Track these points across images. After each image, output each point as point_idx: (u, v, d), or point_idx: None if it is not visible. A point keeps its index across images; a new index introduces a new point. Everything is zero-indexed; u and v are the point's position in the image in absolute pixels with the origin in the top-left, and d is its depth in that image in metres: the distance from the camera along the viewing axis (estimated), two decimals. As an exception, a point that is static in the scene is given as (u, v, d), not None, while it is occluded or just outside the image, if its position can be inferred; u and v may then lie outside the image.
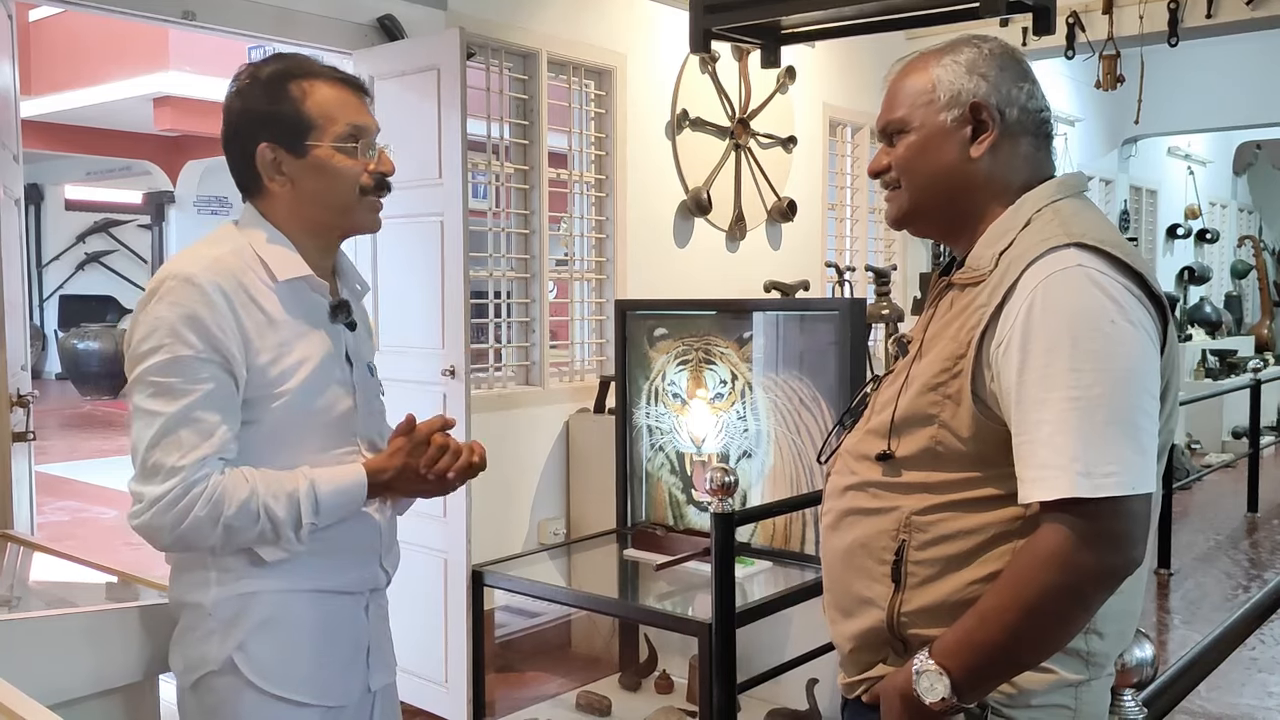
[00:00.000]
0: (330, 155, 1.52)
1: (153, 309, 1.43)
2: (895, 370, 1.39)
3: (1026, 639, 1.17)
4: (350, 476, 1.51)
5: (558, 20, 4.14)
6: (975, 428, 1.23)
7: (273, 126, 1.50)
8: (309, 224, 1.55)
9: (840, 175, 5.70)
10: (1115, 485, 1.13)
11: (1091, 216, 1.28)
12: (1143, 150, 9.24)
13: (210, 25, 3.21)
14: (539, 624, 4.13)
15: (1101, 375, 1.15)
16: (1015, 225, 1.27)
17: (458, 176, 3.20)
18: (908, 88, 1.34)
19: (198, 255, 1.48)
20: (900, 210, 1.37)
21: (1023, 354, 1.18)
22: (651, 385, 3.37)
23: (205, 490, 1.40)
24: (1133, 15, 4.98)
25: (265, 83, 1.52)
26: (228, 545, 1.44)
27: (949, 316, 1.30)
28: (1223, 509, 6.47)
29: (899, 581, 1.28)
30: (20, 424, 2.79)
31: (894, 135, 1.36)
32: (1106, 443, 1.14)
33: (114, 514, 6.80)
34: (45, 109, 9.71)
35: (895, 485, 1.30)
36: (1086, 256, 1.19)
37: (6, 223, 2.79)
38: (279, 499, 1.44)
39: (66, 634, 1.64)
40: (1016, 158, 1.31)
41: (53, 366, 13.50)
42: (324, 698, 1.52)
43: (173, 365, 1.41)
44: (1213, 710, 3.32)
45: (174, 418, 1.40)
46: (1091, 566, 1.14)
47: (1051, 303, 1.17)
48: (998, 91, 1.30)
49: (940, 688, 1.19)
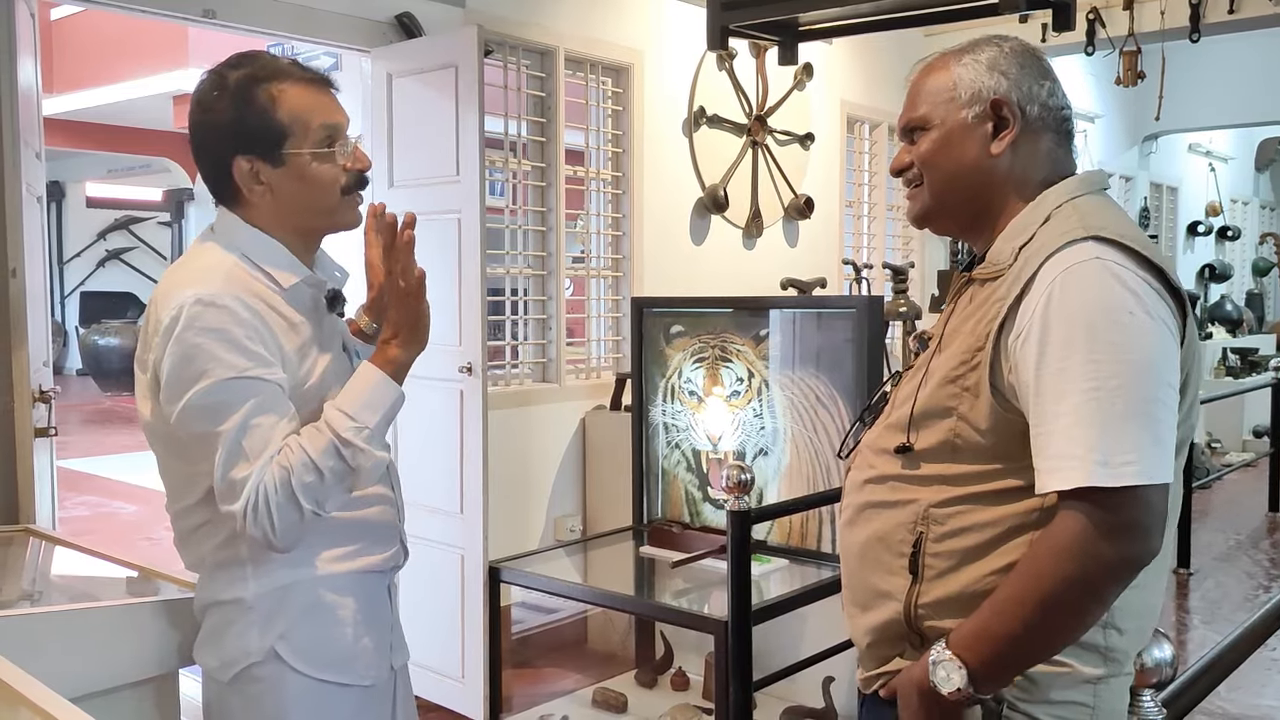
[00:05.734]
0: (308, 162, 1.50)
1: (183, 337, 1.40)
2: (915, 365, 1.39)
3: (1042, 629, 1.17)
4: (358, 375, 1.50)
5: (575, 18, 4.14)
6: (993, 420, 1.23)
7: (246, 138, 1.47)
8: (292, 228, 1.54)
9: (858, 172, 5.68)
10: (1133, 475, 1.13)
11: (1111, 212, 1.28)
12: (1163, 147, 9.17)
13: (230, 23, 3.23)
14: (555, 620, 4.13)
15: (1120, 366, 1.15)
16: (1035, 221, 1.28)
17: (475, 174, 3.20)
18: (929, 86, 1.35)
19: (204, 272, 1.46)
20: (923, 207, 1.38)
21: (1041, 345, 1.18)
22: (668, 382, 3.37)
23: (268, 484, 1.41)
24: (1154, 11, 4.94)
25: (233, 91, 1.47)
26: (325, 503, 1.45)
27: (968, 310, 1.31)
28: (1243, 508, 6.41)
29: (916, 574, 1.28)
30: (42, 419, 2.81)
31: (915, 133, 1.36)
32: (1124, 433, 1.14)
33: (134, 509, 6.85)
34: (66, 107, 9.78)
35: (914, 478, 1.30)
36: (1105, 249, 1.20)
37: (29, 220, 2.81)
38: (320, 433, 1.44)
39: (88, 628, 1.65)
40: (1037, 154, 1.32)
41: (74, 362, 13.60)
42: (362, 677, 1.56)
43: (218, 388, 1.40)
44: (1232, 711, 3.29)
45: (233, 433, 1.41)
46: (1108, 556, 1.14)
47: (1070, 295, 1.18)
48: (1018, 88, 1.31)
49: (957, 678, 1.19)
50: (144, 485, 7.25)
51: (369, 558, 1.58)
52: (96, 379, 12.32)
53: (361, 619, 1.57)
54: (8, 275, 2.76)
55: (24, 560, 2.31)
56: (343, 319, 1.64)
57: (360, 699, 1.57)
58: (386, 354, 1.51)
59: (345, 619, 1.55)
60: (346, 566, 1.55)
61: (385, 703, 1.63)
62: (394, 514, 1.64)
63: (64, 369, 13.52)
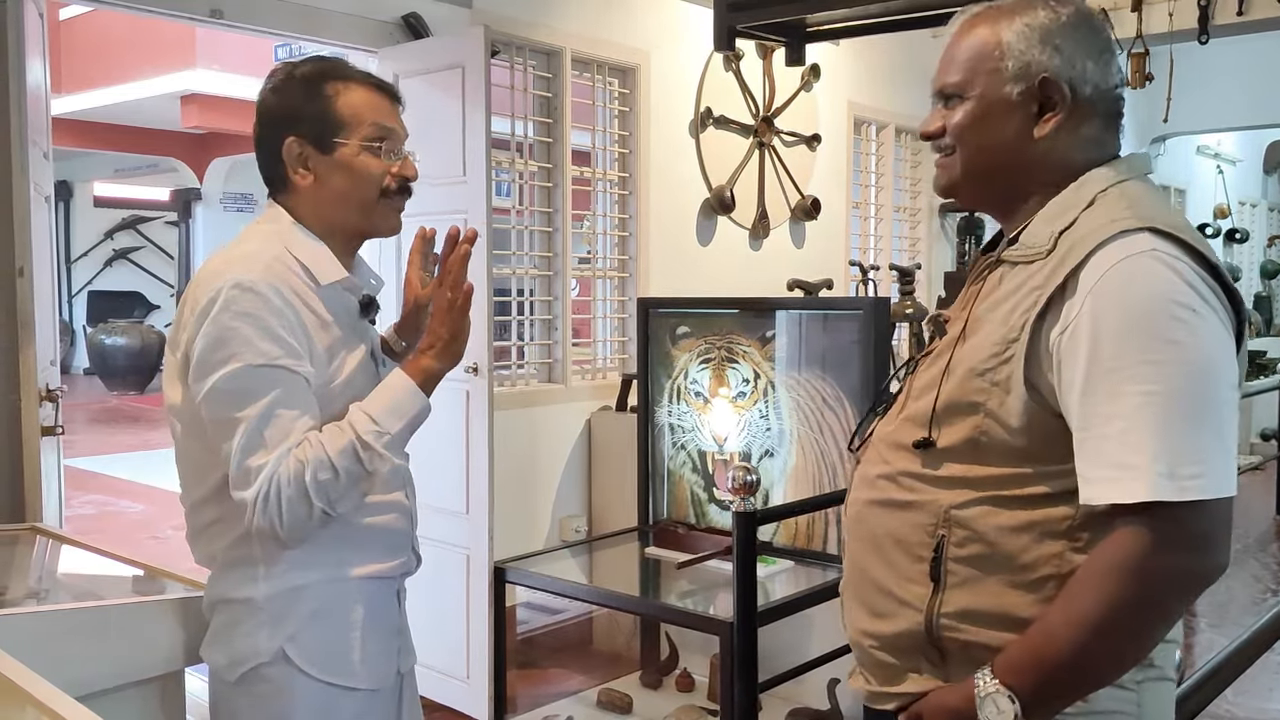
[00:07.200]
0: (355, 154, 1.53)
1: (218, 318, 1.42)
2: (935, 352, 1.28)
3: (1103, 654, 1.09)
4: (387, 381, 1.52)
5: (582, 18, 4.14)
6: (1026, 419, 1.14)
7: (303, 122, 1.52)
8: (331, 222, 1.56)
9: (864, 173, 5.68)
10: (1201, 488, 1.04)
11: (1160, 201, 1.19)
12: (1171, 149, 9.14)
13: (237, 24, 3.24)
14: (560, 621, 4.13)
15: (1181, 367, 1.05)
16: (1077, 204, 1.18)
17: (481, 174, 3.20)
18: (972, 47, 1.23)
19: (245, 259, 1.47)
20: (950, 179, 1.28)
21: (1092, 342, 1.09)
22: (674, 383, 3.37)
23: (283, 475, 1.41)
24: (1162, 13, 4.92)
25: (300, 81, 1.53)
26: (337, 504, 1.45)
27: (998, 296, 1.20)
28: (1251, 512, 6.39)
29: (939, 581, 1.19)
30: (49, 418, 2.81)
31: (951, 99, 1.25)
32: (1189, 440, 1.05)
33: (140, 507, 6.87)
34: (74, 107, 9.82)
35: (932, 478, 1.21)
36: (1161, 242, 1.10)
37: (37, 219, 2.82)
38: (342, 432, 1.45)
39: (94, 627, 1.66)
40: (1081, 138, 1.22)
41: (81, 361, 13.65)
42: (368, 681, 1.57)
43: (247, 373, 1.41)
44: (1240, 715, 3.28)
45: (256, 420, 1.41)
46: (1174, 571, 1.06)
47: (1125, 289, 1.08)
48: (1071, 66, 1.19)
49: (1010, 712, 1.10)
50: (150, 484, 7.27)
51: (381, 564, 1.58)
52: (103, 378, 12.36)
53: (370, 624, 1.57)
54: (16, 274, 2.76)
55: (31, 559, 2.31)
56: (374, 326, 1.65)
57: (366, 702, 1.57)
58: (420, 363, 1.52)
59: (354, 623, 1.55)
60: (358, 572, 1.55)
61: (391, 706, 1.64)
62: (408, 522, 1.64)
63: (71, 368, 13.56)
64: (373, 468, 1.46)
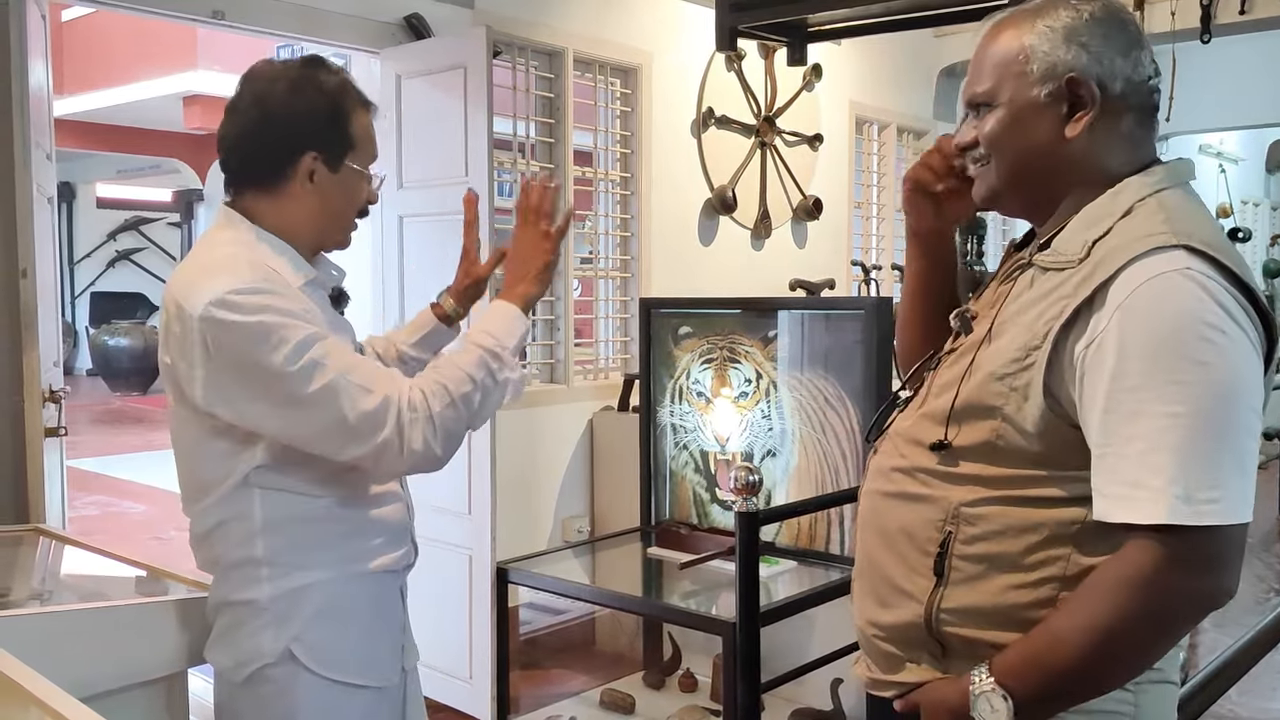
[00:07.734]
0: (359, 177, 1.57)
1: (239, 324, 1.39)
2: (959, 349, 1.28)
3: (1103, 664, 1.09)
4: (492, 307, 1.61)
5: (584, 19, 4.14)
6: (1043, 425, 1.14)
7: (324, 140, 1.51)
8: (302, 234, 1.55)
9: (866, 173, 5.68)
10: (1216, 513, 1.05)
11: (1199, 214, 1.17)
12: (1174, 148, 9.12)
13: (239, 25, 3.24)
14: (563, 621, 4.13)
15: (1208, 389, 1.05)
16: (1114, 212, 1.16)
17: (483, 174, 3.20)
18: (997, 55, 1.22)
19: (229, 262, 1.46)
20: (989, 189, 1.27)
21: (1119, 358, 1.08)
22: (676, 383, 3.37)
23: (417, 397, 1.45)
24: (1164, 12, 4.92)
25: (328, 93, 1.51)
26: (476, 417, 1.51)
27: (1025, 300, 1.19)
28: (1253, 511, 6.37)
29: (942, 575, 1.20)
30: (52, 419, 2.81)
31: (981, 109, 1.25)
32: (1209, 464, 1.05)
33: (143, 508, 6.87)
34: (77, 108, 9.82)
35: (947, 475, 1.21)
36: (1196, 261, 1.09)
37: (40, 221, 2.82)
38: (467, 351, 1.54)
39: (98, 628, 1.66)
40: (1116, 137, 1.20)
41: (84, 363, 13.66)
42: (375, 679, 1.57)
43: (303, 346, 1.40)
44: (1243, 715, 3.28)
45: (339, 378, 1.41)
46: (1184, 592, 1.07)
47: (1154, 306, 1.07)
48: (1099, 63, 1.18)
49: (1003, 711, 1.12)
50: (153, 485, 7.28)
51: (384, 557, 1.59)
52: (106, 379, 12.38)
53: (375, 620, 1.58)
54: (19, 276, 2.77)
55: (34, 560, 2.31)
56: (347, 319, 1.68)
57: (372, 700, 1.57)
58: (518, 290, 1.61)
59: (360, 620, 1.55)
60: (362, 567, 1.56)
61: (396, 704, 1.64)
62: (405, 512, 1.65)
63: (74, 369, 13.58)
64: (502, 377, 1.53)
